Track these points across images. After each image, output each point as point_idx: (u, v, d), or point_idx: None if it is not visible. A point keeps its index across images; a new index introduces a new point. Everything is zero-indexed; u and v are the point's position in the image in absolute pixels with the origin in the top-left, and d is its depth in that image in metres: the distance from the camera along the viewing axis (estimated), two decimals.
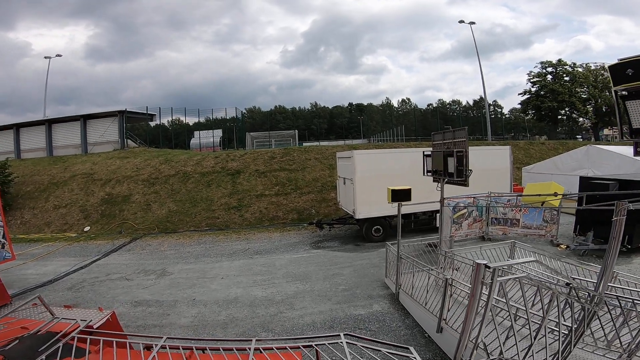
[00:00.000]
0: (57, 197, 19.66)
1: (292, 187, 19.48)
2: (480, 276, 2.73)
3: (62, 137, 28.58)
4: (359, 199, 12.68)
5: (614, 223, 3.32)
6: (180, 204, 18.46)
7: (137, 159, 23.08)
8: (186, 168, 21.27)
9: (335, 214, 16.64)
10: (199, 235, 15.65)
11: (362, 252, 12.13)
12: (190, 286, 9.49)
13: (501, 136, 43.94)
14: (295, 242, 13.92)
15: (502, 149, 15.37)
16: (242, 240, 14.50)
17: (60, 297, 9.09)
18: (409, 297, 7.27)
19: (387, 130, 51.89)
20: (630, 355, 3.71)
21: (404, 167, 12.34)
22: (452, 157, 6.75)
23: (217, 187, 19.63)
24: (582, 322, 3.44)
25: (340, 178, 14.71)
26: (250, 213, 17.83)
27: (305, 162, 21.68)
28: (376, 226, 13.44)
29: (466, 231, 12.48)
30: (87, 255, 13.12)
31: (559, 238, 11.63)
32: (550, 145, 29.64)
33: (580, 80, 41.96)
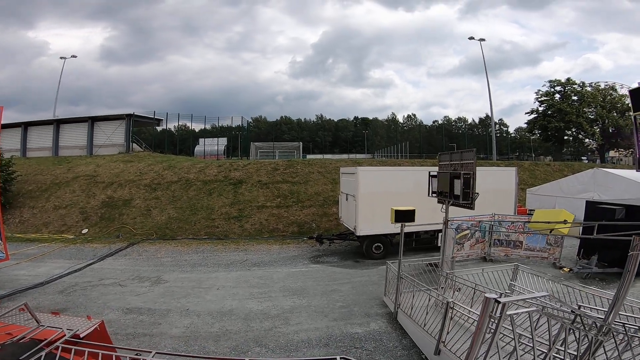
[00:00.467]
0: (58, 198, 19.64)
1: (293, 200, 19.38)
2: (489, 310, 2.59)
3: (69, 138, 28.79)
4: (361, 216, 12.55)
5: (629, 257, 3.20)
6: (180, 211, 18.38)
7: (140, 163, 23.17)
8: (189, 175, 21.29)
9: (336, 229, 16.48)
10: (197, 243, 15.48)
11: (362, 269, 11.93)
12: (184, 295, 9.30)
13: (506, 156, 43.63)
14: (294, 256, 13.73)
15: (508, 170, 15.20)
16: (241, 251, 14.32)
17: (50, 300, 8.92)
18: (407, 317, 7.08)
19: (391, 146, 51.97)
20: None
21: (408, 186, 12.32)
22: (459, 179, 6.58)
23: (218, 196, 19.57)
24: (587, 350, 3.29)
25: (343, 194, 14.63)
26: (250, 224, 17.69)
27: (308, 175, 21.67)
28: (377, 243, 13.26)
29: (468, 252, 12.30)
30: (82, 258, 12.97)
31: (562, 260, 11.48)
32: (556, 167, 29.45)
33: (589, 100, 41.59)
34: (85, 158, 25.71)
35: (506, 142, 53.94)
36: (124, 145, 28.12)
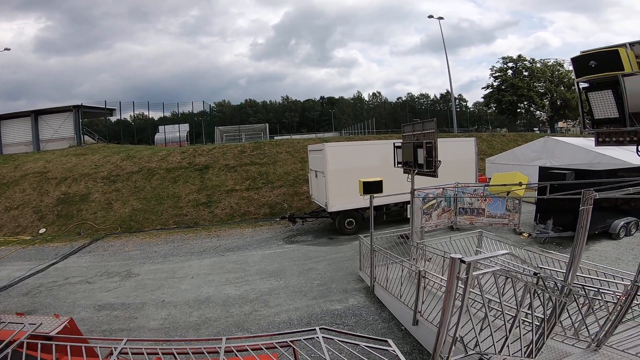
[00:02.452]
0: (8, 198, 18.19)
1: (263, 182, 19.14)
2: (455, 271, 2.70)
3: (12, 134, 26.59)
4: (331, 192, 12.65)
5: (581, 212, 3.40)
6: (144, 201, 17.64)
7: (95, 155, 21.77)
8: (150, 164, 20.33)
9: (308, 207, 16.51)
10: (166, 233, 15.03)
11: (336, 246, 12.13)
12: (158, 287, 9.08)
13: (466, 128, 45.98)
14: (268, 238, 13.70)
15: (468, 140, 15.88)
16: (213, 238, 14.08)
17: (15, 303, 8.44)
18: (383, 290, 7.31)
19: (358, 123, 52.44)
20: (598, 344, 3.84)
21: (375, 159, 12.45)
22: (422, 148, 6.82)
23: (184, 183, 18.92)
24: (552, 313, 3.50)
25: (312, 171, 14.65)
26: (221, 209, 17.36)
27: (276, 155, 21.37)
28: (349, 219, 13.50)
29: (436, 221, 12.76)
30: (43, 258, 12.25)
31: (521, 226, 12.12)
32: (511, 137, 31.16)
33: (538, 75, 44.61)
34: (33, 154, 23.80)
35: (466, 116, 56.72)
36: (74, 138, 26.29)
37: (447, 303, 2.83)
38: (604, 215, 10.55)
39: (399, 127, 33.28)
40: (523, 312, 3.28)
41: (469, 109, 67.20)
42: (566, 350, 4.06)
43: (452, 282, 2.76)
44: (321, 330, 2.98)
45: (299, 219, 14.69)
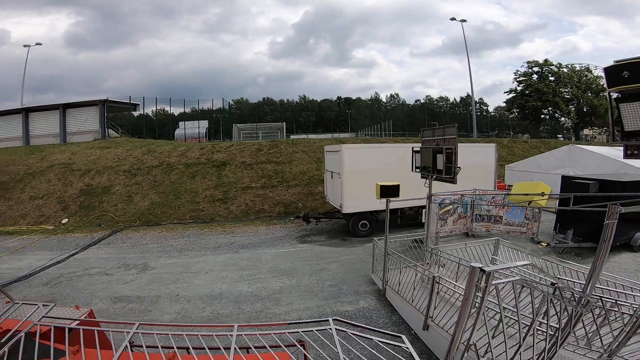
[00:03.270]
0: (34, 188, 18.93)
1: (278, 180, 19.29)
2: (475, 280, 2.65)
3: (40, 127, 27.59)
4: (347, 194, 12.62)
5: (605, 226, 3.30)
6: (163, 195, 18.04)
7: (118, 149, 22.45)
8: (170, 159, 20.80)
9: (322, 207, 16.53)
10: (182, 228, 15.32)
11: (349, 247, 12.09)
12: (173, 281, 9.26)
13: (486, 134, 45.09)
14: (281, 236, 13.78)
15: (488, 146, 15.57)
16: (228, 234, 14.26)
17: (35, 292, 8.73)
18: (395, 294, 7.26)
19: (374, 125, 52.12)
20: (610, 355, 3.72)
21: (392, 162, 12.38)
22: (442, 154, 6.74)
23: (202, 178, 19.27)
24: (568, 322, 3.42)
25: (328, 172, 14.61)
26: (236, 206, 17.58)
27: (292, 155, 21.52)
28: (363, 221, 13.43)
29: (451, 227, 12.57)
30: (64, 248, 12.64)
31: (539, 235, 11.82)
32: (533, 144, 30.42)
33: (565, 81, 43.41)
34: (59, 146, 24.71)
35: (486, 120, 55.51)
36: (100, 132, 27.18)
37: (464, 310, 2.79)
38: (626, 227, 10.16)
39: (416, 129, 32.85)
40: (537, 321, 3.21)
41: (490, 114, 65.76)
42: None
43: (470, 290, 2.70)
44: (334, 321, 2.96)
45: (313, 219, 14.71)
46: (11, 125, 27.57)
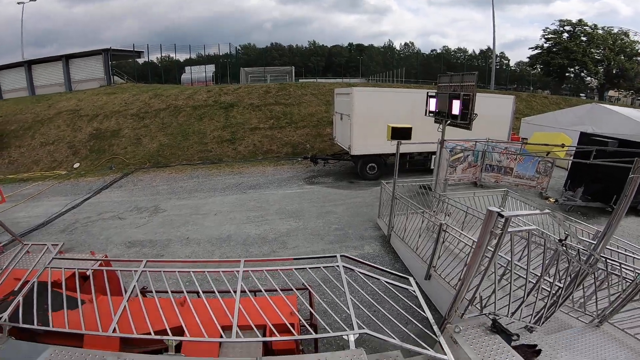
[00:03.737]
0: (43, 135, 19.00)
1: (287, 121, 19.07)
2: (490, 225, 2.45)
3: (44, 77, 27.35)
4: (356, 136, 12.44)
5: (629, 180, 3.05)
6: (171, 137, 18.05)
7: (125, 94, 22.08)
8: (177, 102, 20.52)
9: (330, 149, 16.42)
10: (191, 169, 15.45)
11: (356, 190, 12.07)
12: (183, 224, 9.45)
13: (504, 87, 43.09)
14: (288, 177, 13.79)
15: (507, 98, 15.11)
16: (236, 174, 14.35)
17: (53, 240, 8.98)
18: (400, 240, 7.27)
19: (387, 72, 49.61)
20: (602, 320, 3.64)
21: (403, 107, 12.12)
22: (458, 99, 6.61)
23: (209, 120, 19.13)
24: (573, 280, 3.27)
25: (337, 114, 14.29)
26: (244, 146, 17.60)
27: (301, 97, 21.04)
28: (371, 164, 13.36)
29: (460, 175, 12.34)
30: (78, 193, 12.84)
31: (548, 191, 11.56)
32: (553, 100, 29.27)
33: (598, 42, 41.71)
34: (65, 94, 24.43)
35: (506, 74, 52.40)
36: (105, 79, 26.84)
37: (476, 257, 2.62)
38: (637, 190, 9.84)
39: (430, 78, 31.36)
40: (543, 279, 3.09)
41: (510, 68, 61.84)
42: (569, 322, 3.91)
43: (484, 236, 2.53)
44: (342, 258, 2.94)
45: (321, 160, 14.65)
46: (15, 78, 27.39)
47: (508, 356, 2.54)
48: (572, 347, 3.28)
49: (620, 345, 3.32)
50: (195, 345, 2.70)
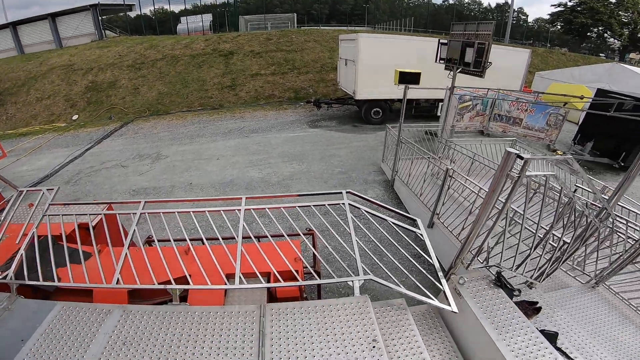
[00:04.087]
0: (38, 90, 18.47)
1: (289, 67, 18.55)
2: (508, 167, 2.26)
3: (32, 36, 26.19)
4: (361, 80, 12.14)
5: None
6: (170, 85, 17.62)
7: (118, 47, 21.32)
8: (174, 52, 19.85)
9: (333, 94, 16.11)
10: (192, 115, 15.22)
11: (360, 134, 11.87)
12: (186, 169, 9.36)
13: (519, 41, 40.76)
14: (291, 121, 13.56)
15: (522, 51, 14.69)
16: (237, 119, 14.12)
17: (59, 192, 8.95)
18: (404, 185, 7.17)
19: (394, 21, 46.89)
20: (598, 282, 3.55)
21: (410, 55, 11.96)
22: (472, 47, 6.57)
23: (209, 68, 18.59)
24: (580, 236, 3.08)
25: (342, 59, 13.90)
26: (245, 92, 17.24)
27: (304, 44, 20.34)
28: (376, 108, 13.14)
29: (467, 123, 12.15)
30: (79, 144, 12.66)
31: (557, 144, 11.32)
32: (570, 57, 28.03)
33: (628, 5, 39.21)
34: (56, 51, 23.62)
35: (522, 29, 49.36)
36: (96, 34, 25.78)
37: (488, 203, 2.43)
38: None
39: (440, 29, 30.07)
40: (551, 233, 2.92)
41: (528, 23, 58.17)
42: (565, 281, 3.82)
43: (500, 180, 2.33)
44: (348, 194, 2.84)
45: (324, 104, 14.37)
46: (1, 40, 26.26)
47: (510, 312, 2.46)
48: (567, 307, 3.21)
49: (611, 309, 3.25)
50: (200, 294, 2.71)
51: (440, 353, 2.47)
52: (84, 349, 2.01)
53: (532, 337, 2.25)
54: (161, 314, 2.26)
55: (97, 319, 2.20)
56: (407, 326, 2.35)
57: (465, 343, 2.52)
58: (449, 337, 2.58)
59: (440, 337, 2.59)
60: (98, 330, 2.13)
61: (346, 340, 2.07)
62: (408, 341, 2.25)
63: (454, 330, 2.64)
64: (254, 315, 2.24)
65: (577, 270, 3.79)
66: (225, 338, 2.09)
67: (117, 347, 2.02)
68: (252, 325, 2.17)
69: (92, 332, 2.12)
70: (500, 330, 2.30)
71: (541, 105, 11.16)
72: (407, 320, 2.39)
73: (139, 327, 2.16)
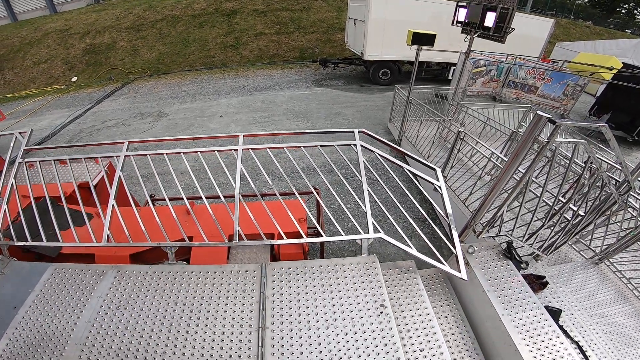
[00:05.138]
0: (34, 55, 17.91)
1: (294, 27, 17.89)
2: (536, 131, 2.03)
3: (23, 3, 25.30)
4: (370, 40, 11.71)
5: None
6: (171, 46, 17.10)
7: (115, 9, 20.50)
8: (174, 12, 19.10)
9: (340, 54, 15.62)
10: (194, 74, 14.87)
11: (367, 94, 11.54)
12: (188, 126, 9.14)
13: (541, 11, 38.46)
14: (296, 79, 13.23)
15: (545, 21, 14.07)
16: (241, 77, 13.80)
17: (59, 152, 8.77)
18: (411, 146, 6.96)
19: None
20: (601, 259, 3.38)
21: (424, 17, 11.64)
22: (494, 12, 6.30)
23: (211, 27, 17.94)
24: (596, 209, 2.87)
25: (351, 19, 13.38)
26: (249, 51, 16.75)
27: (310, 2, 19.49)
28: (384, 69, 12.77)
29: (479, 88, 11.78)
30: (79, 104, 12.42)
31: (571, 114, 10.96)
32: (595, 30, 26.92)
33: None
34: (50, 16, 22.80)
35: None
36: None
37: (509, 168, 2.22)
38: None
39: None
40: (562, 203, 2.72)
41: None
42: (570, 255, 3.66)
43: (526, 144, 2.08)
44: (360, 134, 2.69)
45: (331, 64, 13.94)
46: None
47: (518, 285, 2.31)
48: (570, 282, 3.06)
49: (611, 287, 3.11)
50: (202, 255, 2.63)
51: (448, 322, 2.33)
52: (77, 315, 1.92)
53: (537, 313, 2.13)
54: (157, 274, 2.15)
55: (90, 281, 2.11)
56: (417, 291, 2.23)
57: (473, 313, 2.40)
58: (458, 306, 2.45)
59: (449, 305, 2.44)
60: (91, 293, 2.03)
61: (352, 304, 1.96)
62: (417, 307, 2.14)
63: (463, 298, 2.50)
64: (254, 275, 2.12)
65: (582, 244, 3.63)
66: (224, 300, 1.97)
67: (111, 312, 1.93)
68: (253, 287, 2.05)
69: (85, 296, 2.03)
70: (506, 305, 2.18)
71: (559, 74, 10.78)
72: (416, 285, 2.27)
73: (133, 289, 2.05)
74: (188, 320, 1.87)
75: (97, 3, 24.42)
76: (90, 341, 1.80)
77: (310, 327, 1.84)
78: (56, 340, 1.81)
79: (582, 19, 43.26)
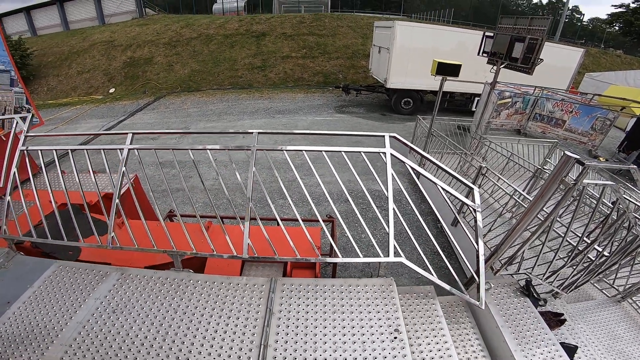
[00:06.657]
0: (80, 64, 19.23)
1: (320, 52, 18.40)
2: (564, 172, 2.03)
3: (77, 13, 27.58)
4: (394, 68, 11.81)
5: None
6: (202, 64, 17.96)
7: (157, 25, 21.90)
8: (208, 31, 20.19)
9: (363, 81, 15.82)
10: (221, 93, 15.43)
11: (388, 123, 11.61)
12: (211, 145, 9.40)
13: (571, 40, 37.94)
14: (319, 105, 13.44)
15: (575, 50, 13.75)
16: (265, 99, 14.18)
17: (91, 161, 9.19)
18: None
19: (432, 11, 45.03)
20: (624, 297, 3.26)
21: (448, 46, 11.60)
22: (522, 42, 6.21)
23: (240, 48, 18.76)
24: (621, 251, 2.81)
25: (375, 47, 13.56)
26: (275, 73, 17.29)
27: (336, 29, 20.05)
28: (407, 98, 12.76)
29: (503, 121, 11.54)
30: (113, 115, 13.07)
31: (599, 150, 10.58)
32: (626, 60, 26.34)
33: None
34: (99, 27, 24.63)
35: (575, 28, 46.04)
36: (137, 11, 26.83)
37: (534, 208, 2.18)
38: None
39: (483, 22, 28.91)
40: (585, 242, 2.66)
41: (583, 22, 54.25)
42: (591, 293, 3.55)
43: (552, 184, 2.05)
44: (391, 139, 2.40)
45: (353, 90, 14.08)
46: (48, 15, 27.71)
47: (534, 322, 2.24)
48: (588, 320, 2.96)
49: (632, 324, 2.98)
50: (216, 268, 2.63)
51: (466, 351, 2.19)
52: (69, 314, 1.86)
53: (552, 349, 2.07)
54: (161, 279, 2.10)
55: (91, 282, 2.06)
56: (435, 317, 2.12)
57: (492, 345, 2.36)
58: (478, 335, 2.33)
59: (468, 334, 2.31)
60: (90, 294, 1.97)
61: (364, 327, 1.85)
62: (434, 334, 2.03)
63: (484, 328, 2.41)
64: (262, 290, 2.04)
65: (605, 282, 3.53)
66: (227, 313, 1.89)
67: (106, 315, 1.86)
68: (259, 301, 1.96)
69: (83, 296, 1.96)
70: (520, 341, 2.12)
71: (588, 108, 10.39)
72: (435, 311, 2.16)
73: (134, 293, 2.00)
74: (186, 330, 1.80)
75: (141, 17, 26.06)
76: (77, 343, 1.72)
77: (316, 348, 1.74)
78: (41, 338, 1.75)
79: (613, 48, 42.34)
